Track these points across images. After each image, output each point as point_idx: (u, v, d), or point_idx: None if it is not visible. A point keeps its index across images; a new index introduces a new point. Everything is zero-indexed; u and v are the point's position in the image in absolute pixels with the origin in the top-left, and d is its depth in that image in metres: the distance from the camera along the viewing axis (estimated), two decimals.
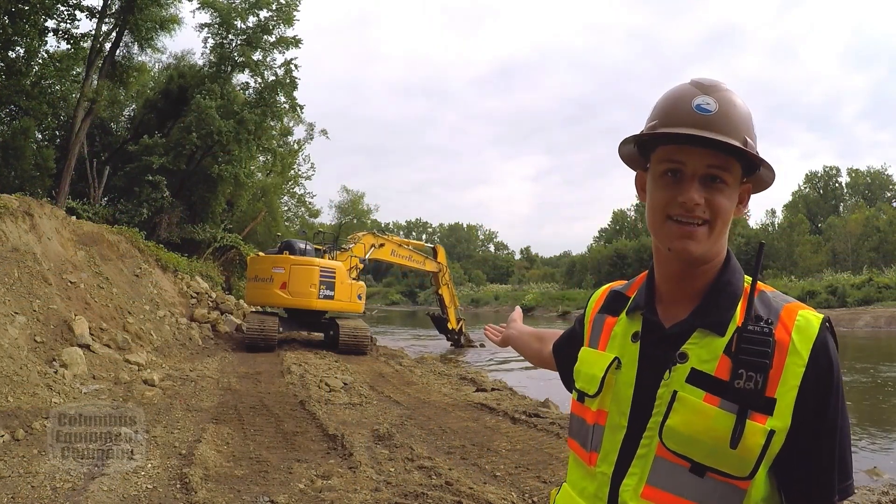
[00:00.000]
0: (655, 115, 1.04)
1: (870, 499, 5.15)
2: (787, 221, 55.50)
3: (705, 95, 1.00)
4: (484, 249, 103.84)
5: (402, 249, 17.15)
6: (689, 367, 0.98)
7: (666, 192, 1.01)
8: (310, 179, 43.54)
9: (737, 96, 1.03)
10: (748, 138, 1.00)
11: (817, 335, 0.95)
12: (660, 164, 1.03)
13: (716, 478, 0.94)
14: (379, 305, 60.40)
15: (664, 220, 1.02)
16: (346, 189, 54.52)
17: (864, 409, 9.61)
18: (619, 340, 1.10)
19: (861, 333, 25.35)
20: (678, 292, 1.06)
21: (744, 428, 0.91)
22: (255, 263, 14.60)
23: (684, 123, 0.99)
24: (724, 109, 0.99)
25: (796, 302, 1.01)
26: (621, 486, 1.01)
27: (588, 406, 1.10)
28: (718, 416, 0.93)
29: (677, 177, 1.01)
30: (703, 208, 0.99)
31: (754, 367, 0.92)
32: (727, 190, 1.00)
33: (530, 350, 1.62)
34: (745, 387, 0.92)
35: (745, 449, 0.91)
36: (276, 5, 21.45)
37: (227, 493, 4.22)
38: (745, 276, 1.05)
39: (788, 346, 0.94)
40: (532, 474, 4.93)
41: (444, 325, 18.69)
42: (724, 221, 1.01)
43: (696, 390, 0.96)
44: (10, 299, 7.92)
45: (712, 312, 1.01)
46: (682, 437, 0.95)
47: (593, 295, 1.26)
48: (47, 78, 16.98)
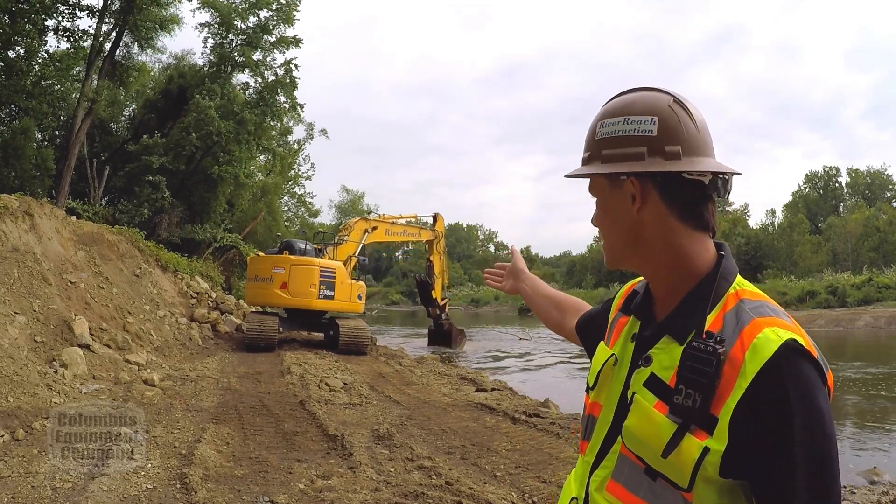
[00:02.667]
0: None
1: (870, 499, 5.15)
2: (787, 221, 55.48)
3: (602, 119, 1.06)
4: (484, 249, 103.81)
5: (395, 227, 16.87)
6: (649, 372, 0.99)
7: None
8: (310, 179, 43.55)
9: (609, 106, 1.06)
10: (607, 149, 1.02)
11: (770, 358, 0.86)
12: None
13: (665, 484, 0.94)
14: (379, 305, 60.37)
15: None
16: (345, 189, 54.57)
17: (864, 409, 9.61)
18: (622, 339, 1.12)
19: (861, 333, 25.34)
20: (657, 294, 1.08)
21: (680, 441, 0.90)
22: (254, 263, 14.55)
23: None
24: (588, 135, 1.07)
25: (772, 317, 0.92)
26: (591, 476, 1.05)
27: (588, 397, 1.15)
28: (663, 424, 0.93)
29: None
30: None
31: (692, 384, 0.90)
32: (600, 205, 1.09)
33: (550, 318, 1.59)
34: (683, 403, 0.91)
35: (679, 461, 0.90)
36: (276, 5, 21.46)
37: (227, 493, 4.22)
38: (743, 283, 1.01)
39: (740, 365, 0.89)
40: (532, 474, 4.93)
41: (428, 292, 17.90)
42: (607, 233, 1.08)
43: (650, 395, 0.97)
44: (10, 299, 7.92)
45: (678, 319, 1.00)
46: (635, 438, 0.97)
47: (620, 290, 1.27)
48: (47, 78, 16.97)
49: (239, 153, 21.74)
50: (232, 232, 23.06)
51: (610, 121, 1.03)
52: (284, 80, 22.01)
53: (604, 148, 1.02)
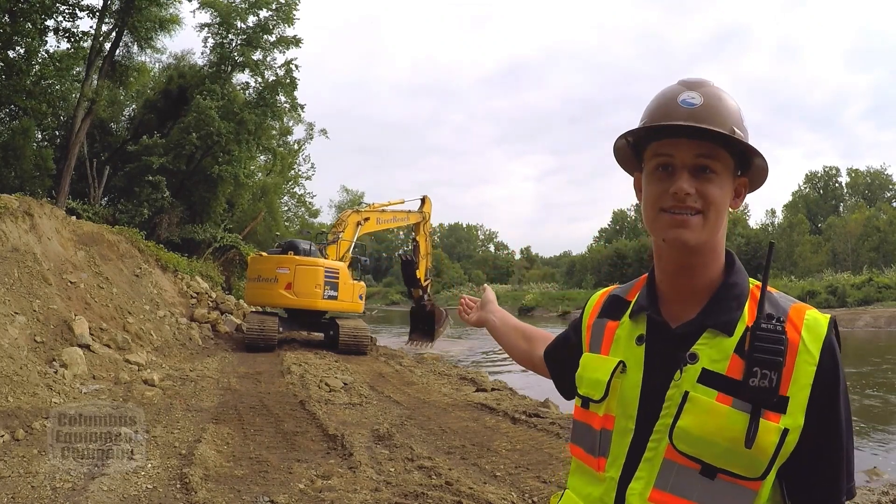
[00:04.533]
0: (645, 115, 1.06)
1: (870, 499, 5.14)
2: (787, 221, 55.53)
3: (691, 91, 1.02)
4: (484, 249, 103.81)
5: (384, 214, 16.97)
6: (700, 368, 0.98)
7: (658, 185, 1.03)
8: (310, 179, 43.61)
9: (724, 92, 1.04)
10: (736, 129, 1.01)
11: (826, 334, 0.96)
12: (651, 161, 1.05)
13: (726, 479, 0.94)
14: (379, 305, 60.33)
15: (657, 213, 1.03)
16: (345, 189, 54.53)
17: (864, 409, 9.61)
18: (623, 344, 1.10)
19: (861, 333, 25.33)
20: (680, 291, 1.06)
21: (758, 427, 0.91)
22: (257, 263, 14.48)
23: (672, 118, 1.00)
24: (709, 102, 1.01)
25: (803, 303, 1.02)
26: (628, 490, 1.00)
27: (594, 412, 1.10)
28: (732, 415, 0.93)
29: (668, 170, 1.02)
30: (695, 198, 1.00)
31: (769, 364, 0.91)
32: (717, 179, 1.01)
33: (517, 350, 1.54)
34: (759, 385, 0.91)
35: (759, 449, 0.91)
36: (275, 5, 21.44)
37: (227, 493, 4.22)
38: (750, 279, 1.07)
39: (799, 344, 0.95)
40: (532, 474, 4.93)
41: (413, 271, 17.31)
42: (718, 211, 1.01)
43: (709, 390, 0.96)
44: (10, 299, 7.92)
45: (721, 312, 1.01)
46: (693, 438, 0.95)
47: (590, 300, 1.26)
48: (47, 78, 16.96)
49: (239, 153, 21.74)
50: (232, 232, 23.05)
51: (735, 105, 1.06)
52: (284, 80, 22.01)
53: (734, 125, 1.02)
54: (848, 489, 0.97)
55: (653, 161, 1.04)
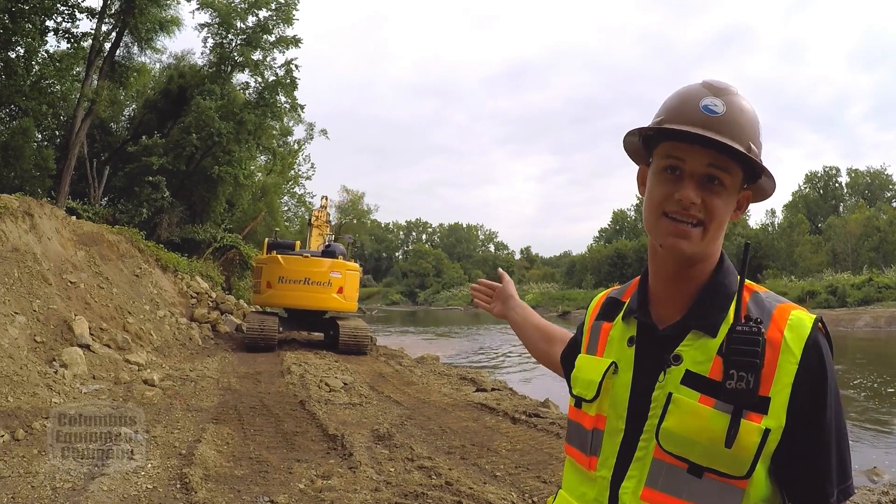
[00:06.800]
0: (663, 112, 1.04)
1: (870, 499, 5.14)
2: (787, 221, 55.41)
3: (714, 97, 1.00)
4: (484, 249, 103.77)
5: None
6: (683, 369, 0.98)
7: (664, 187, 1.02)
8: (310, 179, 43.58)
9: (746, 101, 1.02)
10: (752, 144, 1.00)
11: (809, 334, 0.96)
12: (661, 160, 1.03)
13: (714, 478, 0.94)
14: (379, 305, 60.33)
15: (659, 216, 1.02)
16: (345, 189, 54.46)
17: (864, 409, 9.61)
18: (615, 345, 1.11)
19: (861, 333, 25.32)
20: (671, 293, 1.07)
21: (738, 427, 0.92)
22: (296, 265, 13.47)
23: (690, 122, 0.99)
24: (731, 113, 0.99)
25: (790, 303, 1.01)
26: (620, 489, 1.02)
27: (586, 411, 1.11)
28: (713, 416, 0.94)
29: (676, 174, 1.01)
30: (699, 208, 0.99)
31: (744, 366, 0.92)
32: (724, 193, 1.00)
33: (538, 351, 1.55)
34: (736, 387, 0.92)
35: (741, 448, 0.92)
36: (275, 5, 21.45)
37: (227, 493, 4.22)
38: (748, 281, 1.06)
39: (781, 344, 0.95)
40: (532, 474, 4.93)
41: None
42: (719, 224, 1.01)
43: (691, 392, 0.97)
44: (10, 299, 7.91)
45: (705, 313, 1.01)
46: (678, 438, 0.96)
47: (592, 301, 1.26)
48: (47, 78, 16.95)
49: (239, 153, 21.75)
50: (232, 232, 23.05)
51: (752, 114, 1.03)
52: (284, 81, 22.01)
53: (751, 141, 1.01)
54: (843, 489, 0.97)
55: (663, 161, 1.03)
